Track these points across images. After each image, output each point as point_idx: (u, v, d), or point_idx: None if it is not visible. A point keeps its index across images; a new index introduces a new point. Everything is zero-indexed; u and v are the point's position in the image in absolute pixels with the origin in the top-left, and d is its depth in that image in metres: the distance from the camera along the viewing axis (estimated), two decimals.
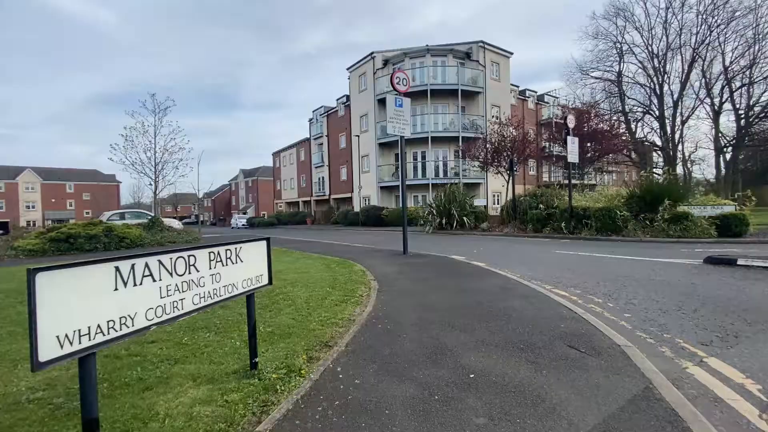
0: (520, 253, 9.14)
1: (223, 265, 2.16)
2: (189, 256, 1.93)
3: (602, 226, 11.75)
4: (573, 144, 12.66)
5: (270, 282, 2.60)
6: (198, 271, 1.98)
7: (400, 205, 25.77)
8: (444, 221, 17.15)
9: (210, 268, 2.06)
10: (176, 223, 19.55)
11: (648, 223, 11.34)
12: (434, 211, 17.39)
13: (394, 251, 9.36)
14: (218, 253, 2.13)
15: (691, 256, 7.85)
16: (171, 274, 1.80)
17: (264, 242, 2.55)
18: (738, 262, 6.54)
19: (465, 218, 16.67)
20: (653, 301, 4.47)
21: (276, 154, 52.39)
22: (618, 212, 11.47)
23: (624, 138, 24.88)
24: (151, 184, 16.68)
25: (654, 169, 33.16)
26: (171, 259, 1.81)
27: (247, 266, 2.37)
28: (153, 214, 16.92)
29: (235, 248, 2.27)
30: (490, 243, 11.71)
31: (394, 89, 8.40)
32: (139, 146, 15.62)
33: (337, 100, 36.65)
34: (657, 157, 33.89)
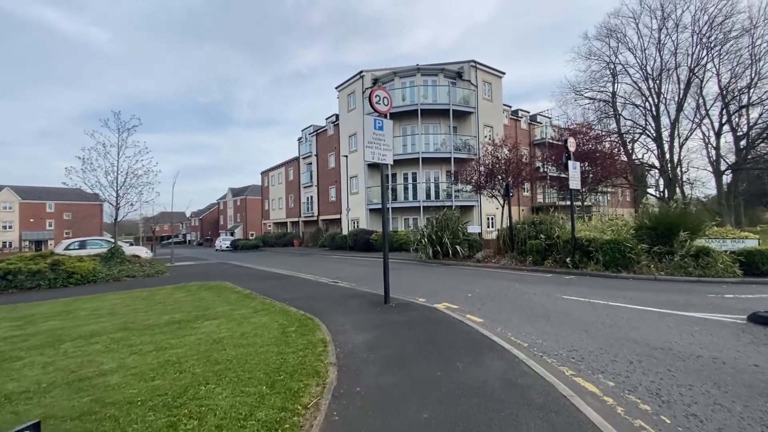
0: (521, 299, 7.79)
1: None
2: None
3: (610, 260, 10.50)
4: (575, 169, 11.55)
5: None
6: None
7: (390, 229, 24.48)
8: (437, 249, 15.82)
9: None
10: (143, 252, 17.92)
11: (662, 258, 10.12)
12: (425, 240, 16.08)
13: (374, 297, 7.96)
14: None
15: (725, 307, 6.57)
16: None
17: None
18: None
19: (458, 247, 15.36)
20: (723, 410, 3.11)
21: (265, 173, 51.15)
22: (628, 246, 10.24)
23: (623, 160, 24.02)
24: (112, 215, 15.12)
25: (649, 191, 32.46)
26: None
27: None
28: (110, 242, 15.32)
29: None
30: (486, 281, 10.35)
31: (374, 109, 7.18)
32: (99, 169, 14.18)
33: (327, 119, 35.79)
34: (651, 178, 33.21)
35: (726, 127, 25.16)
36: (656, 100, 26.88)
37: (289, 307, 7.01)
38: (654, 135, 27.28)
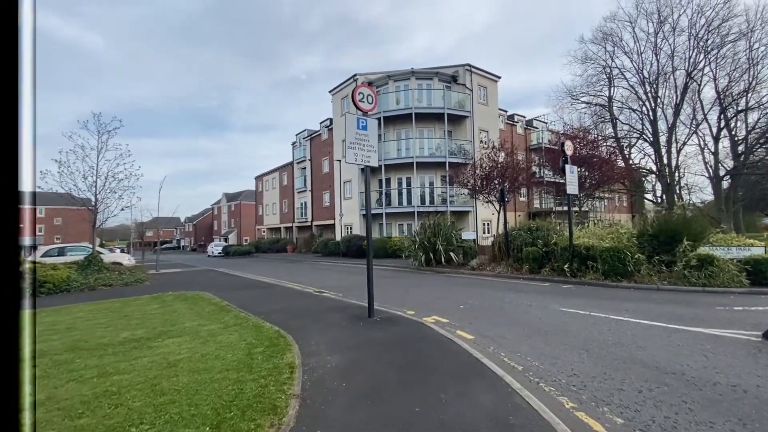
0: (517, 311, 7.25)
1: None
2: None
3: (610, 269, 9.99)
4: (572, 174, 11.08)
5: None
6: None
7: (384, 235, 23.92)
8: (430, 256, 15.28)
9: None
10: (126, 259, 17.25)
11: (665, 267, 9.63)
12: (417, 247, 15.54)
13: (358, 310, 7.39)
14: None
15: (736, 322, 6.06)
16: None
17: None
18: None
19: (452, 254, 14.82)
20: None
21: (259, 178, 50.57)
22: (629, 254, 9.75)
23: (620, 165, 23.64)
24: (92, 218, 14.52)
25: (646, 196, 32.13)
26: None
27: None
28: (91, 249, 14.68)
29: None
30: (481, 291, 9.81)
31: (357, 107, 6.69)
32: (77, 173, 13.59)
33: (321, 123, 35.34)
34: (648, 183, 32.89)
35: (723, 132, 24.89)
36: (653, 105, 26.60)
37: (263, 322, 6.43)
38: (651, 140, 26.98)
